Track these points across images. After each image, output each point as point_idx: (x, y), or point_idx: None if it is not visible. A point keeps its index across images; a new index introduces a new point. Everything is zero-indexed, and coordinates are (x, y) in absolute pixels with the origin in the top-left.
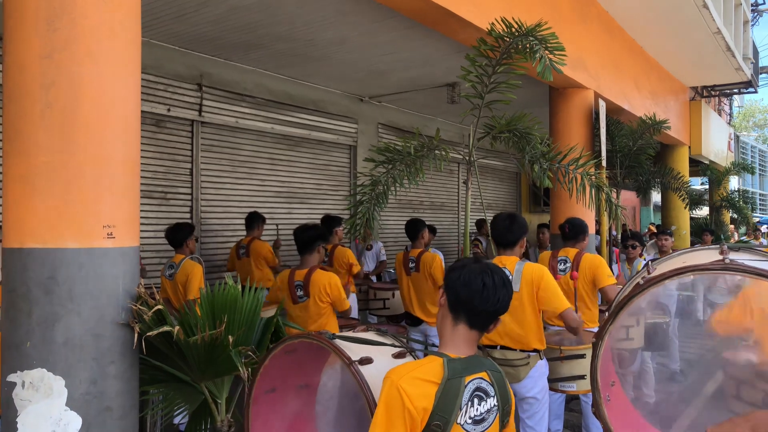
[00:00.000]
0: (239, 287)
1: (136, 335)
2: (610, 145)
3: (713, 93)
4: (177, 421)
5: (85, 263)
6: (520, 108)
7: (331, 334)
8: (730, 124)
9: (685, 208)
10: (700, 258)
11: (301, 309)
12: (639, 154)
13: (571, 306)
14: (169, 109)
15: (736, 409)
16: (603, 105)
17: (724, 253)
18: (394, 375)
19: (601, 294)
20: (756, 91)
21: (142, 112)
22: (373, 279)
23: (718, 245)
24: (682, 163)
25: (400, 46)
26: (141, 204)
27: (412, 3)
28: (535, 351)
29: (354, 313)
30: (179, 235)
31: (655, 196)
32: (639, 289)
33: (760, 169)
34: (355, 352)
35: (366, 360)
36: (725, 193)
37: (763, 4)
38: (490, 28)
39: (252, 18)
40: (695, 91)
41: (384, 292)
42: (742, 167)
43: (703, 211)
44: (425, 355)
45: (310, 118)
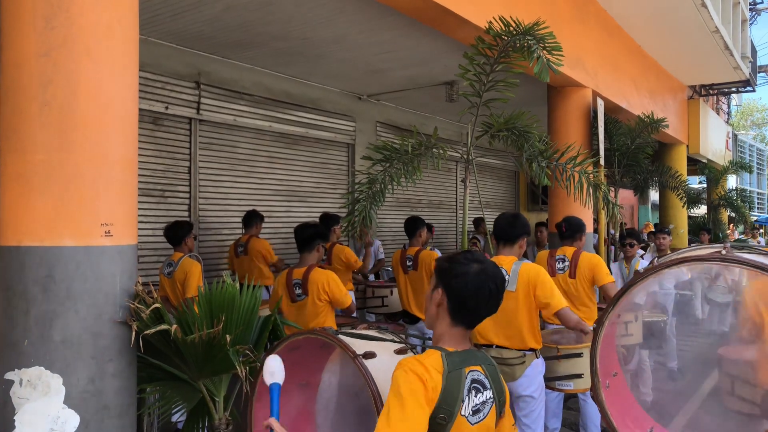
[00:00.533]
0: (237, 286)
1: (134, 333)
2: (608, 144)
3: (711, 92)
4: (175, 419)
5: (82, 261)
6: (518, 106)
7: (334, 330)
8: (728, 122)
9: (683, 206)
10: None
11: (299, 307)
12: (637, 152)
13: (567, 305)
14: (167, 107)
15: (732, 406)
16: (601, 103)
17: (726, 249)
18: (407, 364)
19: (601, 292)
20: (754, 90)
21: (140, 110)
22: (370, 277)
23: (720, 244)
24: (680, 162)
25: (399, 44)
26: (139, 202)
27: (410, 1)
28: (531, 350)
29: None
30: (178, 233)
31: (653, 195)
32: (639, 277)
33: (757, 168)
34: (359, 347)
35: (370, 354)
36: (723, 192)
37: (761, 3)
38: (488, 27)
39: (249, 16)
40: (693, 89)
41: (382, 290)
42: (740, 166)
43: (701, 209)
44: (423, 351)
45: (309, 116)
